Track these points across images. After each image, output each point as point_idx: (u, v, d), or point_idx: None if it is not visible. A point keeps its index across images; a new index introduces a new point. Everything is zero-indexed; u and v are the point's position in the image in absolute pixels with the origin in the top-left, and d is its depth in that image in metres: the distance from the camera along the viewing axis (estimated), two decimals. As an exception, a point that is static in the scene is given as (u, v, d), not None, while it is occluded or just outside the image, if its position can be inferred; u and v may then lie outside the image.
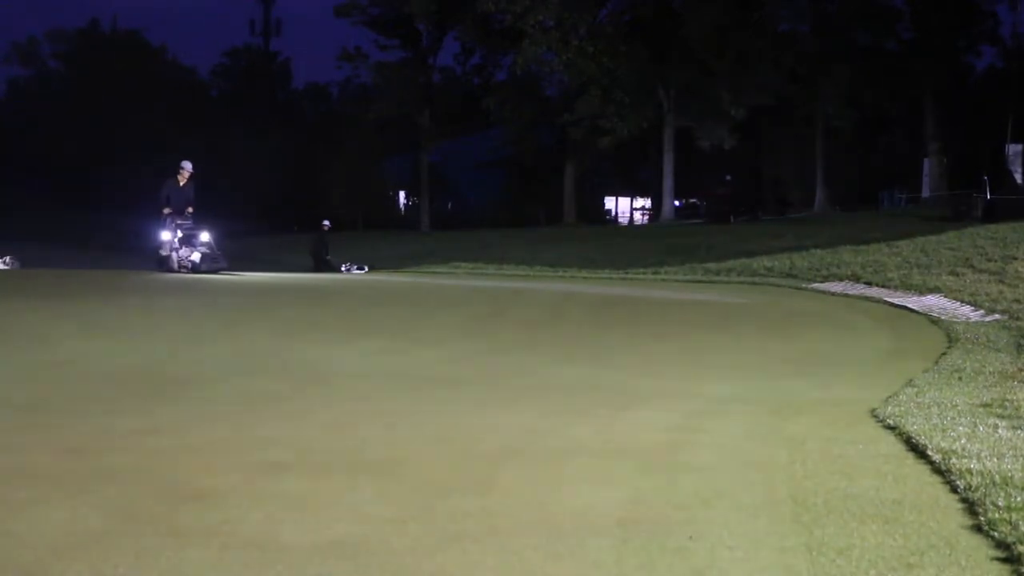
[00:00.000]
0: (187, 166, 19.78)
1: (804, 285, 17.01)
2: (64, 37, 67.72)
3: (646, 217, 55.44)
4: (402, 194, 59.96)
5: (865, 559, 3.83)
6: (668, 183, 44.25)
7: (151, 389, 7.48)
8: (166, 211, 19.50)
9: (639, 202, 58.81)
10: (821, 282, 17.10)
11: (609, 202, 59.79)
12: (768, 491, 4.81)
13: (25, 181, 59.84)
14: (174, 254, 19.39)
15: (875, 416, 6.39)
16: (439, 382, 7.97)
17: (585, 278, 20.69)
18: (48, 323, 11.04)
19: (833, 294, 15.67)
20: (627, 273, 21.23)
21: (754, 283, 18.15)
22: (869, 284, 16.10)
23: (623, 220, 57.83)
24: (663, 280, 19.71)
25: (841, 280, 16.99)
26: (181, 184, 19.74)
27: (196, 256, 19.34)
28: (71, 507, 4.38)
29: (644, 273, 21.07)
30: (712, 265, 20.97)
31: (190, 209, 19.77)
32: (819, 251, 20.81)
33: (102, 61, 62.42)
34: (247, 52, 70.64)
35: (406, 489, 4.79)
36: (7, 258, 22.20)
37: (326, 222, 29.31)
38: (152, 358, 9.01)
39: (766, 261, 20.50)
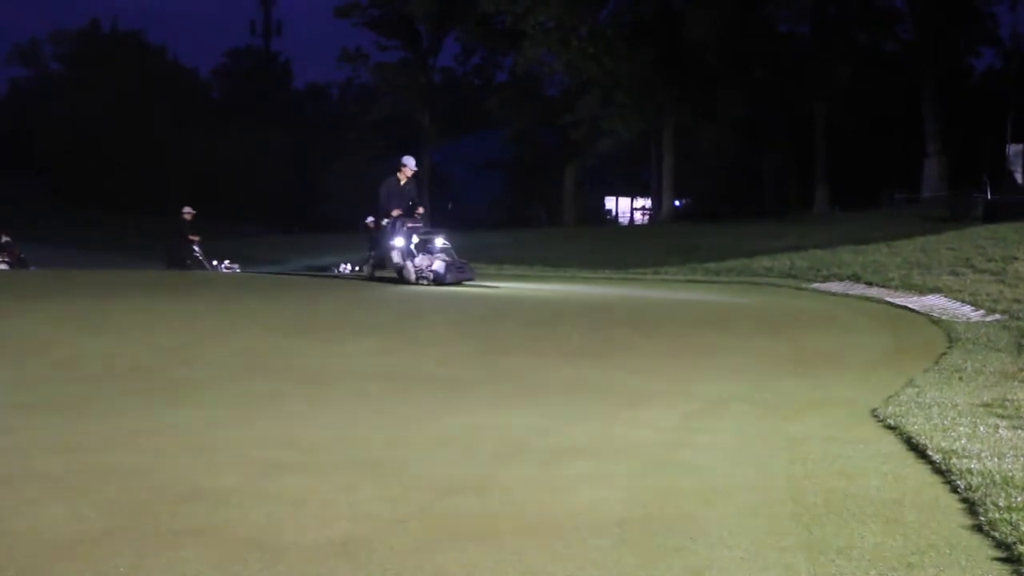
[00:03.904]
0: (410, 163, 17.34)
1: (804, 285, 17.00)
2: (66, 38, 67.70)
3: (646, 217, 55.40)
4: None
5: (865, 559, 3.83)
6: (668, 183, 44.25)
7: (151, 389, 7.48)
8: (395, 213, 16.93)
9: (639, 202, 58.78)
10: (821, 282, 17.08)
11: (609, 202, 59.78)
12: (768, 491, 4.81)
13: (24, 181, 59.86)
14: (409, 263, 16.86)
15: (875, 416, 6.40)
16: (439, 382, 7.97)
17: (585, 278, 20.66)
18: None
19: (833, 294, 15.65)
20: (627, 273, 21.22)
21: (754, 283, 18.14)
22: (869, 284, 16.08)
23: (623, 220, 57.81)
24: (663, 280, 19.70)
25: (841, 280, 16.98)
26: (402, 183, 17.24)
27: (439, 265, 16.88)
28: (71, 507, 4.39)
29: (644, 273, 21.07)
30: (712, 265, 20.96)
31: (420, 210, 17.40)
32: (819, 251, 20.79)
33: (103, 62, 62.39)
34: (248, 53, 70.66)
35: (406, 489, 4.79)
36: (226, 262, 22.08)
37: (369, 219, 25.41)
38: (152, 357, 9.00)
39: (766, 261, 20.49)
